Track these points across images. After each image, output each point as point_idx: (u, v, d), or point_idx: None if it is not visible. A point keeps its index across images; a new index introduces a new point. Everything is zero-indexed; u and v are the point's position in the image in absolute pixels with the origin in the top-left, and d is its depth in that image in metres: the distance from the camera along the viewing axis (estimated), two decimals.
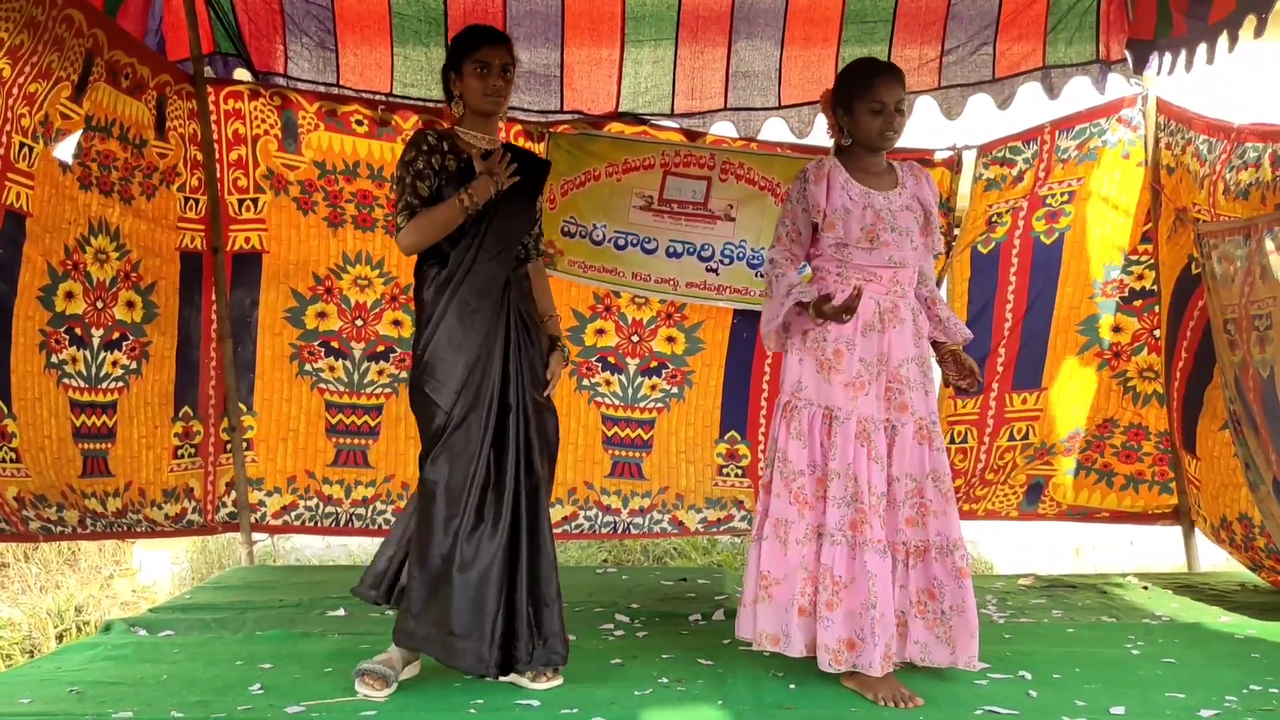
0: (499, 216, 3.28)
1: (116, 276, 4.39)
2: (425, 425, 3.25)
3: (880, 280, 3.23)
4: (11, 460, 3.84)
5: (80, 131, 4.10)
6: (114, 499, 4.38)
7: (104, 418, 4.36)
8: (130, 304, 4.48)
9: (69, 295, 4.15)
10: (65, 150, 4.07)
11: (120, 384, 4.44)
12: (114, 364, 4.41)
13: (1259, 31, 3.59)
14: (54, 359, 4.10)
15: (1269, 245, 3.63)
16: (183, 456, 4.82)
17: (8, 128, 3.68)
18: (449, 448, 3.18)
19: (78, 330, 4.21)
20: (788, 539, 3.22)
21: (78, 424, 4.23)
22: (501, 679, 3.21)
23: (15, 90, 3.69)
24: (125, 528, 4.53)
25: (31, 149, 3.83)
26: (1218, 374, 4.24)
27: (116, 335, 4.42)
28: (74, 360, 4.20)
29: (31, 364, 3.99)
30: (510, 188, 3.27)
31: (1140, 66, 4.69)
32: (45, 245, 4.00)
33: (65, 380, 4.16)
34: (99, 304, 4.30)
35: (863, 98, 3.22)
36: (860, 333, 3.21)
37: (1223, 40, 3.83)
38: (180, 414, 4.80)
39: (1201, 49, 4.07)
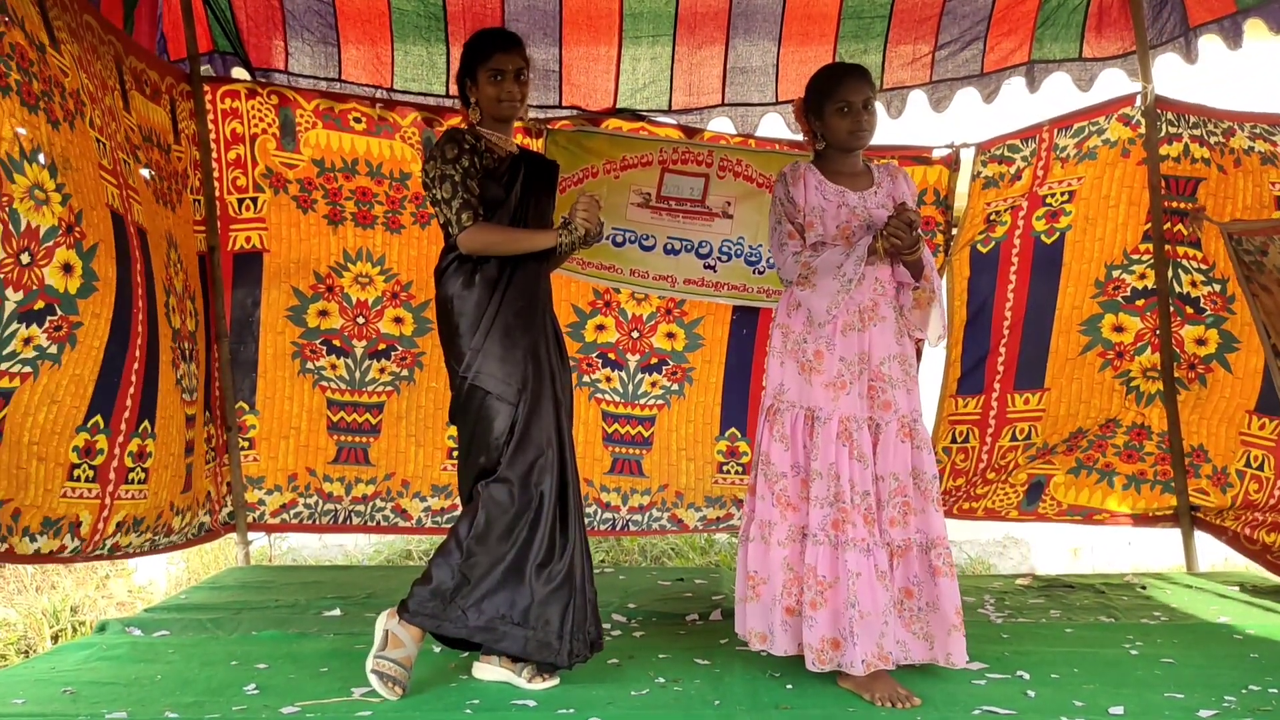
0: (534, 217, 3.35)
1: (183, 290, 4.40)
2: (485, 427, 3.21)
3: (862, 279, 3.23)
4: (139, 481, 3.84)
5: (141, 143, 4.09)
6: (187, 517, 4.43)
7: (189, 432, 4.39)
8: (184, 314, 4.46)
9: (170, 310, 4.15)
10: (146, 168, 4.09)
11: (190, 396, 4.44)
12: (188, 376, 4.42)
13: None
14: (176, 375, 4.14)
15: None
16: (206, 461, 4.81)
17: (113, 145, 3.63)
18: (520, 446, 3.18)
19: (185, 345, 4.28)
20: (770, 540, 3.25)
21: (188, 439, 4.27)
22: (494, 680, 3.22)
23: (103, 107, 3.65)
24: (152, 545, 4.41)
25: (130, 166, 3.81)
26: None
27: (187, 346, 4.42)
28: (184, 376, 4.25)
29: (169, 382, 4.03)
30: (537, 189, 3.38)
31: (1237, 41, 4.52)
32: (156, 262, 4.00)
33: (184, 396, 4.20)
34: (174, 320, 4.28)
35: (830, 99, 3.28)
36: (840, 332, 3.23)
37: None
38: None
39: None
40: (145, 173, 4.09)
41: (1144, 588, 4.58)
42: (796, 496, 3.24)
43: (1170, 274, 4.86)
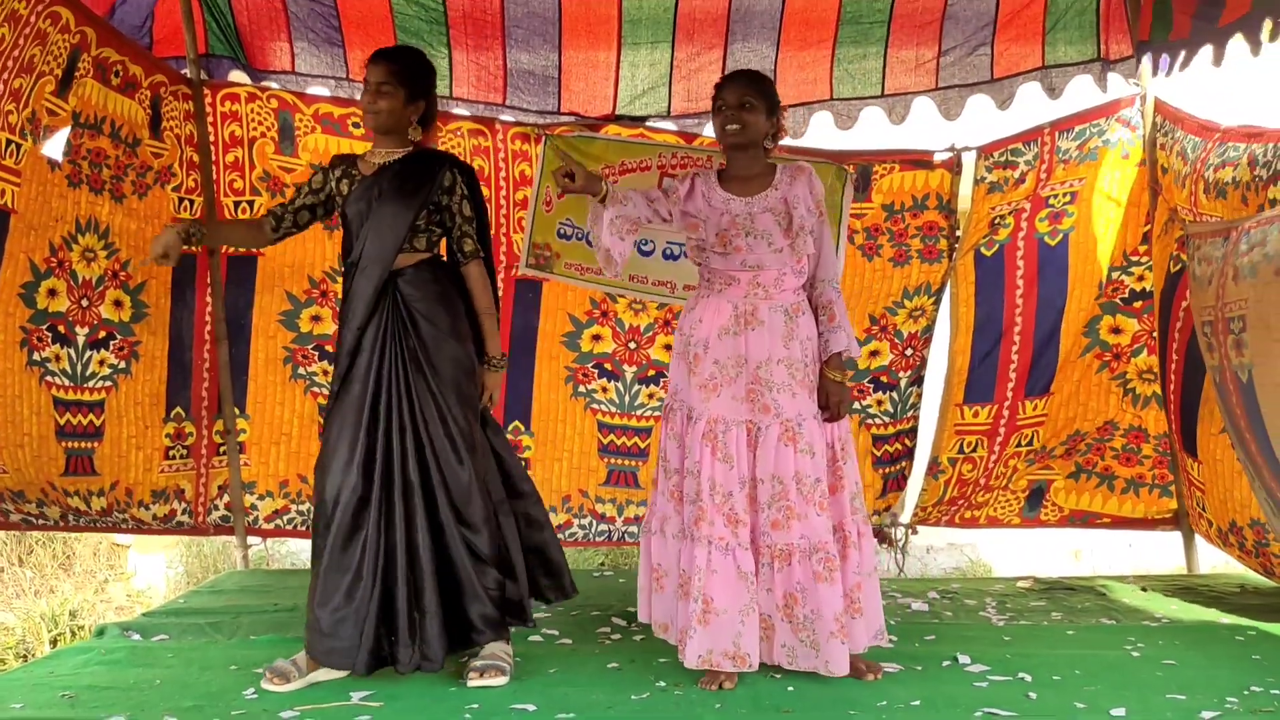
0: (372, 231, 3.34)
1: (104, 275, 4.37)
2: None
3: (739, 283, 3.31)
4: None
5: (68, 128, 4.08)
6: (98, 498, 4.36)
7: (90, 416, 4.34)
8: (118, 303, 4.45)
9: (51, 293, 4.12)
10: (55, 147, 4.05)
11: (108, 383, 4.41)
12: (101, 363, 4.38)
13: (1274, 35, 3.56)
14: (35, 356, 4.08)
15: (1243, 246, 3.62)
16: (174, 458, 4.79)
17: None
18: (326, 454, 3.28)
19: (61, 328, 4.19)
20: (667, 533, 3.38)
21: (61, 422, 4.20)
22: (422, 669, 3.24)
23: (0, 86, 3.68)
24: (110, 524, 4.52)
25: (19, 146, 3.81)
26: (1209, 377, 4.22)
27: (103, 334, 4.39)
28: (57, 358, 4.18)
29: (12, 361, 3.98)
30: (385, 196, 3.36)
31: (1136, 67, 4.71)
32: (29, 242, 3.97)
33: (49, 378, 4.14)
34: (84, 302, 4.28)
35: (714, 101, 3.39)
36: (716, 335, 3.30)
37: (1236, 43, 3.81)
38: (172, 415, 4.77)
39: (1206, 51, 4.06)
40: (55, 153, 4.05)
41: (1145, 589, 4.57)
42: (682, 492, 3.35)
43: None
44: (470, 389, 3.38)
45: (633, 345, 5.16)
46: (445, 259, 3.50)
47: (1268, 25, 3.61)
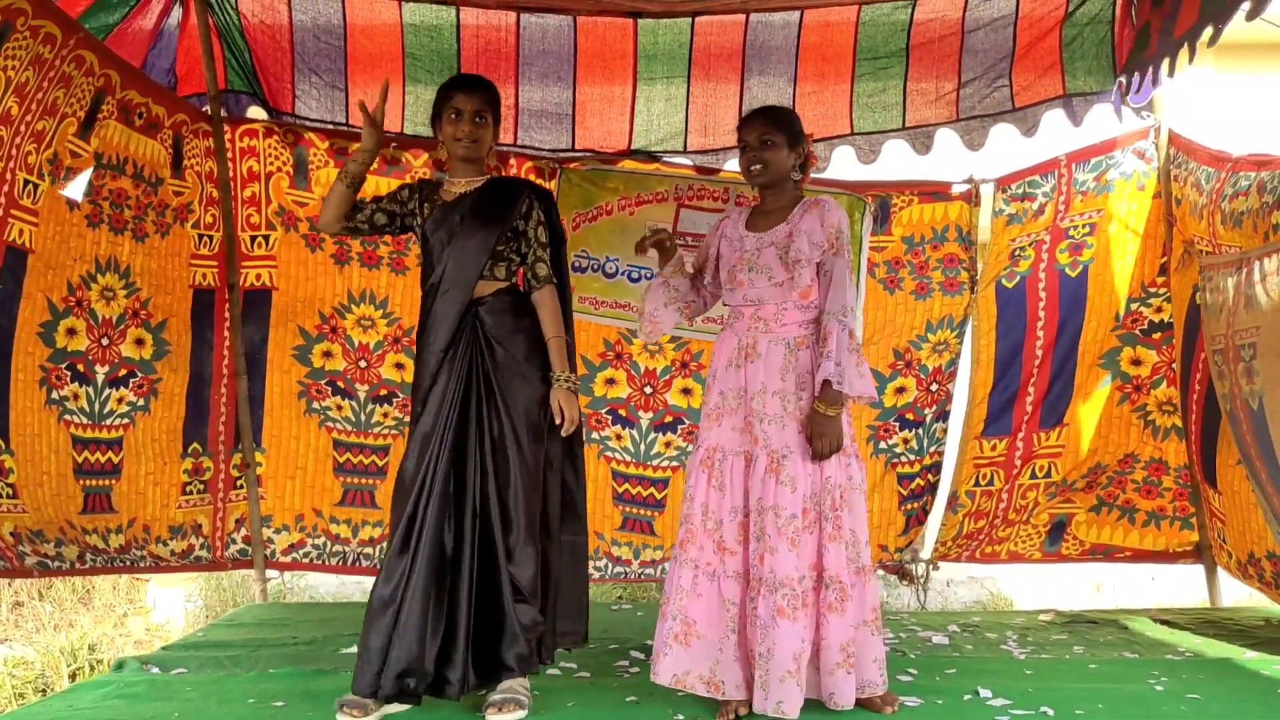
0: (454, 256, 3.38)
1: (124, 314, 4.39)
2: None
3: (743, 318, 3.36)
4: (8, 496, 3.84)
5: (90, 169, 4.11)
6: (116, 535, 4.37)
7: (109, 454, 4.36)
8: (139, 341, 4.47)
9: (70, 332, 4.15)
10: (76, 188, 4.08)
11: (125, 421, 4.43)
12: (119, 401, 4.40)
13: (1212, 41, 3.57)
14: (55, 395, 4.11)
15: (1255, 275, 3.62)
16: (191, 493, 4.79)
17: (12, 165, 3.71)
18: (399, 480, 3.33)
19: (80, 367, 4.21)
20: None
21: (79, 460, 4.23)
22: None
23: (23, 128, 3.73)
24: (128, 563, 4.52)
25: (37, 186, 3.85)
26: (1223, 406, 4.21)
27: (123, 372, 4.41)
28: (76, 397, 4.21)
29: (31, 400, 4.00)
30: (466, 222, 3.39)
31: (1121, 96, 4.71)
32: (46, 281, 4.00)
33: (67, 416, 4.17)
34: (104, 341, 4.30)
35: (738, 140, 3.43)
36: (724, 368, 3.35)
37: (1183, 53, 3.82)
38: (189, 450, 4.78)
39: (1165, 64, 4.09)
40: (76, 194, 4.09)
41: (1167, 623, 4.53)
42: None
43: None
44: (541, 419, 3.37)
45: (649, 390, 5.08)
46: (524, 289, 3.49)
47: (1207, 33, 3.58)
